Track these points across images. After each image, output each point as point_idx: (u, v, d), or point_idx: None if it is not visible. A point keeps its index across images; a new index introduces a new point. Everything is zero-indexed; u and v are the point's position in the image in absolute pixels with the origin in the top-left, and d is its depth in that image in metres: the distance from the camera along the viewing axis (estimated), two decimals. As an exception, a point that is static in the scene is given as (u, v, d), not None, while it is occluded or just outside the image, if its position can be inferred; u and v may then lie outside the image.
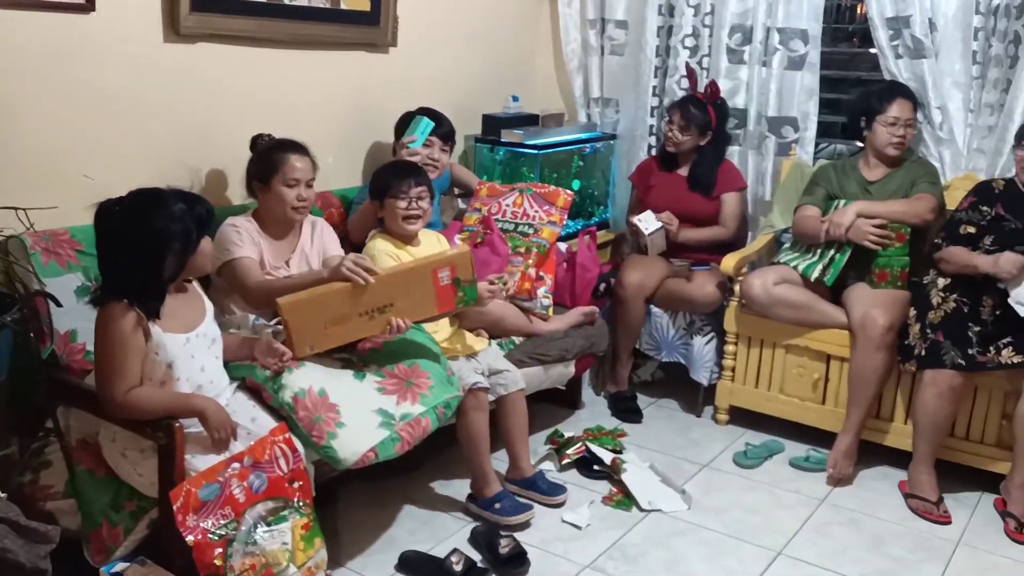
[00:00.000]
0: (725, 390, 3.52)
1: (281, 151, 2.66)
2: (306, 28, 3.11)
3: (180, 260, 2.11)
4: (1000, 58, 3.32)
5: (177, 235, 2.08)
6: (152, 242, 2.06)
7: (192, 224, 2.11)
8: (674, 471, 3.13)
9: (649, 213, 3.54)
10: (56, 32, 2.45)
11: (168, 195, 2.12)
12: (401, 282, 2.50)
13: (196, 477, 2.05)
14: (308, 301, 2.38)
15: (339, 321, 2.43)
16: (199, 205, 2.15)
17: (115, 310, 2.06)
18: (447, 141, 3.25)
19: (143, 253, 2.06)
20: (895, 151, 3.28)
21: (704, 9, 3.83)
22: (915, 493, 2.96)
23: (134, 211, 2.08)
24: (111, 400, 2.08)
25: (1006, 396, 2.95)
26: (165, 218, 2.07)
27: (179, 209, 2.09)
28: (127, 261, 2.07)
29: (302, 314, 2.37)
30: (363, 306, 2.44)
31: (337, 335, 2.46)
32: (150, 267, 2.07)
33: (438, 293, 2.55)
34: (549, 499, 2.89)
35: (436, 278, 2.53)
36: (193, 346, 2.20)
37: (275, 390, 2.33)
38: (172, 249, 2.08)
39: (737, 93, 3.81)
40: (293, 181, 2.64)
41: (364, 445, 2.34)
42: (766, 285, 3.25)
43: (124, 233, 2.06)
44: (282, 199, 2.64)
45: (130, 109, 2.67)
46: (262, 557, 2.09)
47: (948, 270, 3.04)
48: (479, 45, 3.91)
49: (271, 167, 2.64)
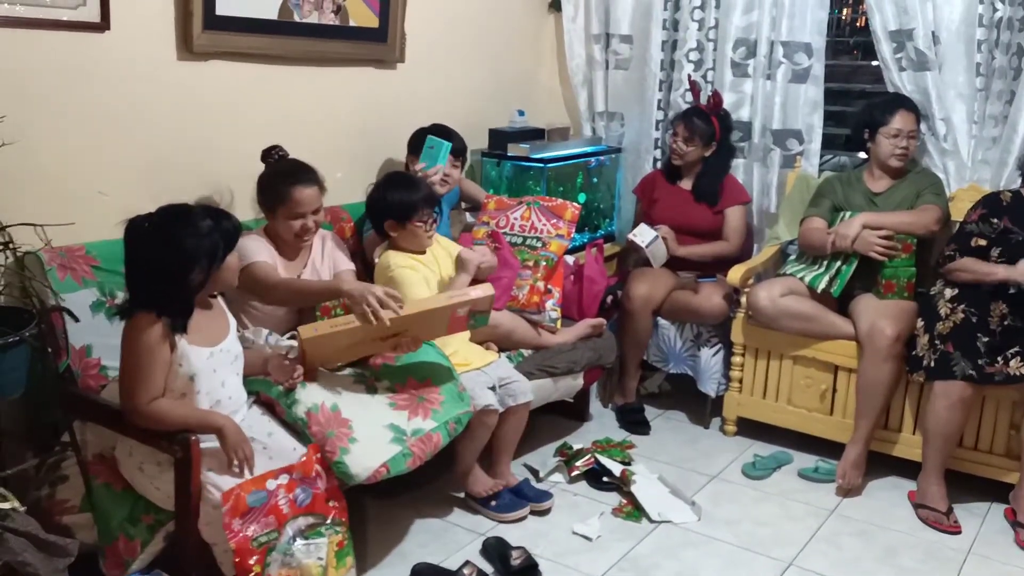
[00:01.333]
0: (733, 401, 3.53)
1: (286, 183, 2.64)
2: (316, 45, 3.14)
3: (206, 274, 2.14)
4: (1004, 70, 3.35)
5: (204, 251, 2.11)
6: (179, 258, 2.08)
7: (220, 239, 2.14)
8: (683, 483, 3.14)
9: (643, 225, 3.56)
10: (72, 51, 2.49)
11: (196, 211, 2.15)
12: (419, 318, 2.52)
13: (247, 482, 2.09)
14: (329, 336, 2.40)
15: (353, 346, 2.48)
16: (226, 220, 2.18)
17: (143, 321, 2.09)
18: (459, 157, 3.28)
19: (171, 268, 2.09)
20: (898, 162, 3.31)
21: (708, 23, 3.86)
22: (925, 503, 2.97)
23: (162, 227, 2.10)
24: (134, 409, 2.10)
25: (1014, 406, 2.96)
26: (193, 234, 2.10)
27: (207, 225, 2.12)
28: (155, 276, 2.09)
29: (321, 347, 2.41)
30: (378, 335, 2.48)
31: (349, 355, 2.54)
32: (177, 282, 2.10)
33: (452, 322, 2.60)
34: (538, 505, 2.91)
35: (454, 313, 2.57)
36: (216, 361, 2.22)
37: (288, 405, 2.35)
38: (199, 264, 2.11)
39: (742, 106, 3.84)
40: (299, 214, 2.65)
41: (376, 460, 2.35)
42: (773, 297, 3.27)
43: (152, 249, 2.09)
44: (288, 229, 2.68)
45: (144, 126, 2.70)
46: (298, 570, 2.12)
47: (964, 279, 3.03)
48: (485, 60, 3.95)
49: (276, 198, 2.65)
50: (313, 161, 2.76)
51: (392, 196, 2.82)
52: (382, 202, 2.83)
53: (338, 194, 3.28)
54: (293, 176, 2.67)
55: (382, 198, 2.83)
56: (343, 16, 3.22)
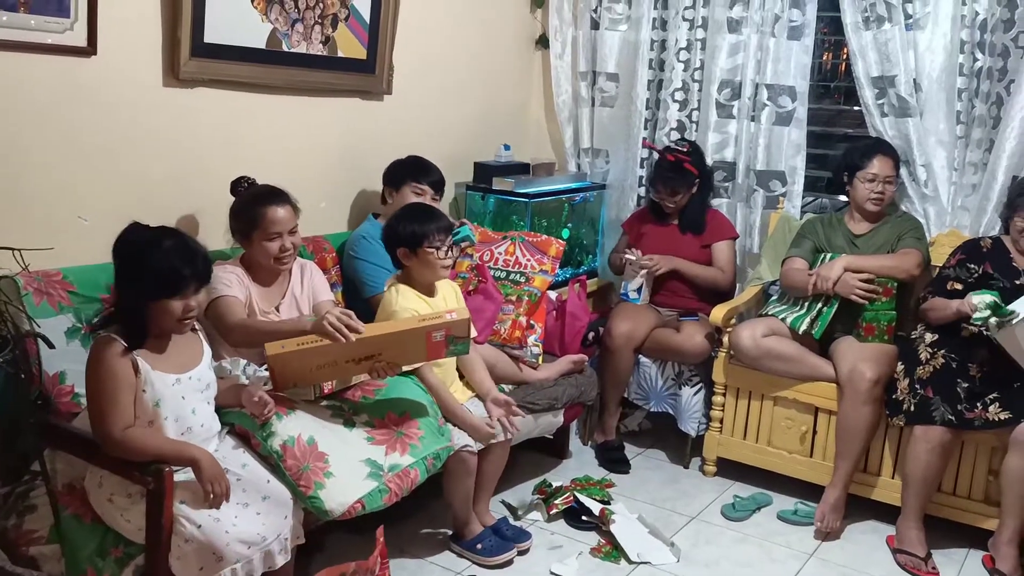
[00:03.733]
0: (713, 441, 3.51)
1: (259, 204, 2.61)
2: (303, 75, 3.14)
3: (146, 294, 2.11)
4: (983, 119, 3.40)
5: (150, 274, 2.09)
6: (133, 267, 2.09)
7: (191, 277, 2.12)
8: (663, 523, 3.11)
9: (627, 283, 3.61)
10: (58, 75, 2.47)
11: (169, 239, 2.13)
12: (392, 340, 2.46)
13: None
14: (296, 354, 2.35)
15: (326, 367, 2.43)
16: (188, 265, 2.13)
17: (101, 343, 2.08)
18: (438, 190, 3.26)
19: (125, 273, 2.11)
20: (874, 206, 3.34)
21: (694, 64, 3.90)
22: (904, 548, 2.96)
23: (149, 242, 2.11)
24: (108, 436, 2.07)
25: (993, 451, 2.97)
26: (161, 260, 2.09)
27: (166, 256, 2.10)
28: (120, 288, 2.14)
29: (288, 364, 2.36)
30: (350, 356, 2.43)
31: (322, 377, 2.47)
32: (128, 288, 2.12)
33: (429, 348, 2.52)
34: (517, 545, 2.87)
35: (430, 337, 2.49)
36: (184, 388, 2.19)
37: (264, 438, 2.32)
38: (143, 283, 2.10)
39: (726, 147, 3.87)
40: (275, 234, 2.60)
41: (351, 496, 2.32)
42: (755, 337, 3.27)
43: (124, 253, 2.12)
44: (265, 252, 2.61)
45: (128, 152, 2.68)
46: None
47: (933, 317, 3.08)
48: (472, 94, 3.96)
49: (250, 222, 2.61)
50: (297, 191, 2.73)
51: (406, 221, 2.75)
52: (396, 228, 2.75)
53: (321, 224, 3.28)
54: (265, 198, 2.63)
55: (396, 224, 2.77)
56: (331, 47, 3.22)
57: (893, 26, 3.43)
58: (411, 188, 3.17)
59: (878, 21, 3.46)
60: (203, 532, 2.07)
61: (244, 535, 2.11)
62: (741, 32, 3.76)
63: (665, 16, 3.95)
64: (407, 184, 3.17)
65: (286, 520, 2.24)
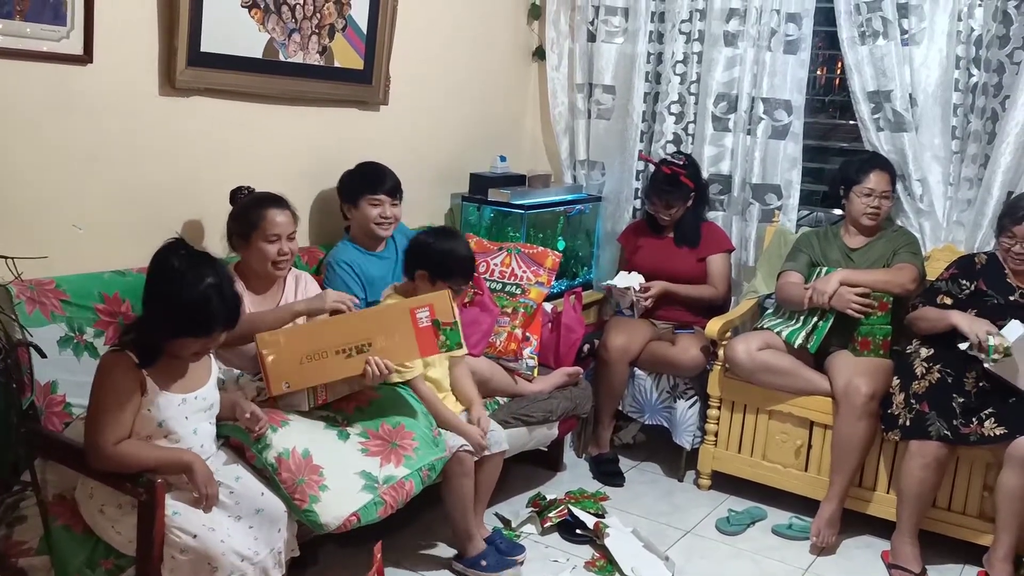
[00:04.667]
0: (708, 455, 3.50)
1: (260, 207, 2.63)
2: (299, 84, 3.13)
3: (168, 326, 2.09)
4: (979, 134, 3.41)
5: (197, 321, 2.07)
6: (174, 306, 2.06)
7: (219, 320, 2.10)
8: (657, 537, 3.10)
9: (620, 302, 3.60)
10: (53, 83, 2.45)
11: (210, 275, 2.09)
12: (378, 318, 2.51)
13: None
14: (284, 334, 2.41)
15: (316, 358, 2.42)
16: (225, 309, 2.11)
17: (113, 359, 2.06)
18: (395, 195, 3.14)
19: (161, 307, 2.08)
20: (869, 221, 3.34)
21: (690, 78, 3.91)
22: (899, 564, 2.95)
23: (177, 267, 2.08)
24: (99, 449, 2.05)
25: (988, 467, 2.96)
26: (197, 296, 2.05)
27: (215, 300, 2.07)
28: (148, 304, 2.13)
29: (278, 348, 2.38)
30: (341, 344, 2.44)
31: (314, 373, 2.44)
32: (157, 321, 2.09)
33: (418, 334, 2.52)
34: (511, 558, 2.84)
35: (415, 318, 2.50)
36: (189, 408, 2.18)
37: (259, 450, 2.30)
38: (187, 326, 2.08)
39: (722, 160, 3.88)
40: (274, 236, 2.61)
41: (346, 509, 2.31)
42: (750, 350, 3.27)
43: (158, 275, 2.11)
44: (263, 255, 2.62)
45: (123, 160, 2.66)
46: None
47: (922, 327, 3.09)
48: (469, 105, 3.96)
49: (250, 224, 2.62)
50: (293, 200, 2.73)
51: (448, 257, 2.75)
52: (430, 249, 2.75)
53: (316, 235, 3.26)
54: (266, 201, 2.66)
55: (431, 247, 2.76)
56: (328, 57, 3.22)
57: (889, 41, 3.44)
58: (367, 201, 3.07)
59: (874, 36, 3.47)
60: (199, 541, 2.05)
61: (238, 548, 2.09)
62: (737, 46, 3.77)
63: (662, 29, 3.96)
64: (363, 198, 3.08)
65: (280, 533, 2.23)
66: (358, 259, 3.04)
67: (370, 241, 3.10)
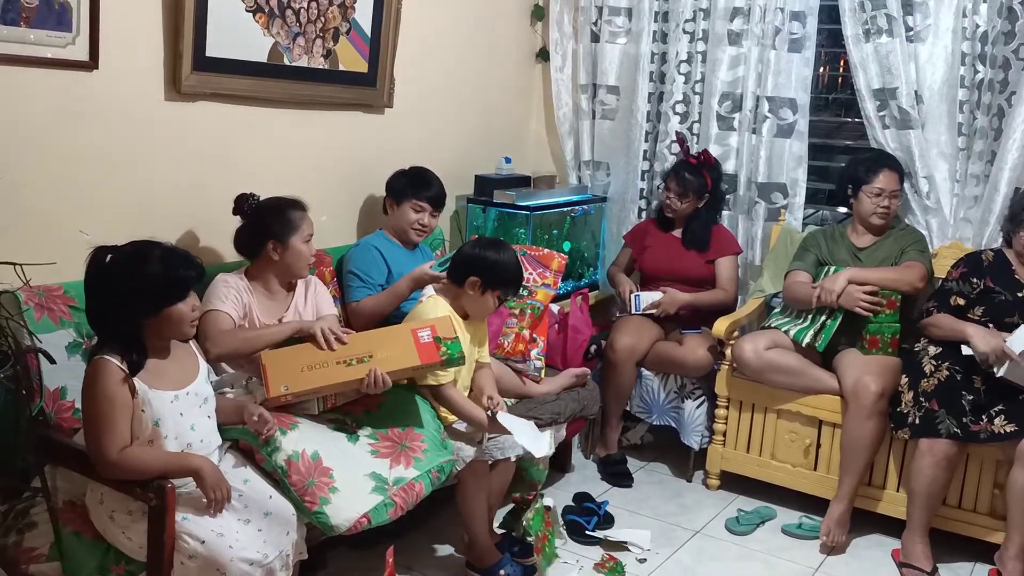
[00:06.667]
0: (716, 455, 3.50)
1: (295, 208, 2.70)
2: (304, 88, 3.13)
3: (145, 318, 2.10)
4: (985, 130, 3.40)
5: (146, 292, 2.07)
6: (120, 295, 2.07)
7: (167, 285, 2.10)
8: (667, 537, 3.09)
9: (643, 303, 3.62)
10: (59, 89, 2.45)
11: (154, 251, 2.11)
12: (380, 336, 2.57)
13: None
14: (288, 350, 2.48)
15: (316, 367, 2.46)
16: (183, 268, 2.13)
17: (99, 366, 2.05)
18: (437, 205, 3.22)
19: (111, 303, 2.08)
20: (880, 220, 3.33)
21: (695, 77, 3.90)
22: (909, 562, 2.94)
23: (117, 261, 2.10)
24: (105, 459, 2.04)
25: (998, 465, 2.95)
26: (139, 274, 2.07)
27: (155, 267, 2.09)
28: (100, 308, 2.11)
29: (279, 359, 2.44)
30: (342, 356, 2.49)
31: (314, 378, 2.46)
32: (117, 319, 2.08)
33: (419, 348, 2.54)
34: (522, 560, 2.83)
35: (416, 336, 2.54)
36: (182, 404, 2.17)
37: (269, 453, 2.30)
38: (138, 305, 2.08)
39: (727, 159, 3.87)
40: (309, 236, 2.70)
41: (357, 511, 2.30)
42: (758, 350, 3.26)
43: (98, 280, 2.10)
44: (301, 255, 2.68)
45: (129, 166, 2.66)
46: None
47: (936, 335, 3.07)
48: (473, 107, 3.96)
49: (290, 225, 2.66)
50: (298, 203, 2.74)
51: (502, 269, 2.72)
52: (484, 257, 2.71)
53: (322, 238, 3.25)
54: (294, 204, 2.71)
55: (485, 255, 2.72)
56: (333, 60, 3.22)
57: (894, 38, 3.43)
58: (411, 204, 3.16)
59: (879, 33, 3.46)
60: (207, 548, 2.05)
61: (246, 552, 2.09)
62: (742, 44, 3.76)
63: (665, 29, 3.96)
64: (407, 200, 3.16)
65: (288, 536, 2.22)
66: (389, 248, 3.14)
67: (402, 240, 3.20)
